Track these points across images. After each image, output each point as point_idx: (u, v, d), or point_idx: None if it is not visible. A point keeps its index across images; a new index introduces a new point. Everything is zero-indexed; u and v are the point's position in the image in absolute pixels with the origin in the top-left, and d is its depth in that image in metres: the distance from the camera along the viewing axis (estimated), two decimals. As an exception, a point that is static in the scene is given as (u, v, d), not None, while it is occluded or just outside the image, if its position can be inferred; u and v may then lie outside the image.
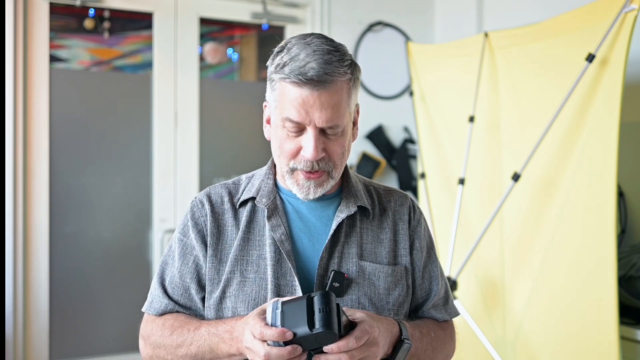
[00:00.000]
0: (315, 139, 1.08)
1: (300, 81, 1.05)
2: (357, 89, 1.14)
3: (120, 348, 2.94)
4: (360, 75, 1.14)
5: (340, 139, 1.12)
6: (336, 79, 1.06)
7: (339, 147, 1.12)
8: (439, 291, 1.27)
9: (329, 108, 1.06)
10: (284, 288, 1.14)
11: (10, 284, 2.72)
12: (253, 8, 3.23)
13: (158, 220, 3.05)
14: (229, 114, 3.24)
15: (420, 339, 1.16)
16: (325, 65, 1.05)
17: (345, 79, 1.08)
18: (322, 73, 1.05)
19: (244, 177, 1.29)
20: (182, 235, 1.23)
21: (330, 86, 1.06)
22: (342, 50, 1.10)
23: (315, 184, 1.13)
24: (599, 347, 1.97)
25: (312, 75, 1.04)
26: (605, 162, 1.95)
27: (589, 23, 2.06)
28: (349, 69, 1.09)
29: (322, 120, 1.07)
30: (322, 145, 1.10)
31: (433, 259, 1.28)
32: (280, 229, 1.17)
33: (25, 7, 2.80)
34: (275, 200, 1.20)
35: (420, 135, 3.04)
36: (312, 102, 1.06)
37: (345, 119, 1.10)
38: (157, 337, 1.17)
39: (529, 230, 2.29)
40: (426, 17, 3.57)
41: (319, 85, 1.05)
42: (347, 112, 1.11)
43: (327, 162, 1.12)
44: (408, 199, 1.29)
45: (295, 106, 1.07)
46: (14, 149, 2.74)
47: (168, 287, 1.20)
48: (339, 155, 1.12)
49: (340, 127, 1.10)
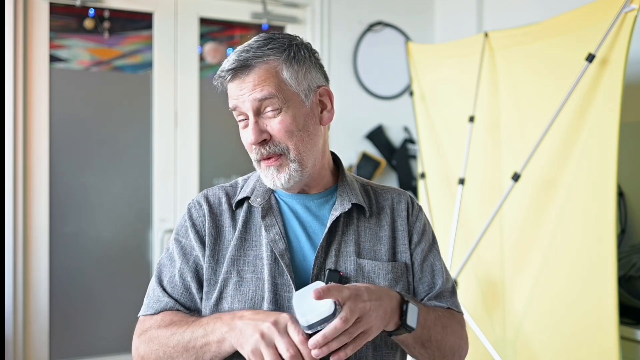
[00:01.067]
0: (252, 122, 1.12)
1: (222, 76, 1.13)
2: (305, 69, 1.14)
3: (120, 348, 2.94)
4: (308, 54, 1.16)
5: (281, 116, 1.12)
6: (255, 62, 1.11)
7: (281, 125, 1.12)
8: (444, 284, 1.25)
9: (254, 87, 1.11)
10: (280, 287, 1.14)
11: (10, 284, 2.72)
12: (253, 8, 3.23)
13: (158, 220, 3.05)
14: (229, 114, 3.22)
15: (427, 312, 1.15)
16: (242, 54, 1.11)
17: (269, 60, 1.11)
18: (237, 60, 1.11)
19: (240, 180, 1.30)
20: (181, 236, 1.22)
21: (251, 69, 1.11)
22: (273, 38, 1.14)
23: (275, 169, 1.14)
24: (599, 347, 1.97)
25: (228, 66, 1.12)
26: (605, 162, 1.95)
27: (589, 23, 2.06)
28: (276, 51, 1.12)
29: (249, 101, 1.11)
30: (263, 128, 1.13)
31: (435, 254, 1.27)
32: (275, 228, 1.17)
33: (25, 7, 2.80)
34: (269, 200, 1.21)
35: (420, 135, 3.04)
36: (238, 88, 1.12)
37: (280, 96, 1.11)
38: (153, 332, 1.15)
39: (529, 230, 2.29)
40: (426, 17, 3.57)
41: (238, 72, 1.11)
42: (283, 90, 1.12)
43: (276, 144, 1.13)
44: (406, 195, 1.29)
45: (231, 96, 1.15)
46: (14, 149, 2.74)
47: (167, 287, 1.19)
48: (284, 134, 1.12)
49: (276, 103, 1.11)
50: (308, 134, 1.15)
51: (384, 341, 1.17)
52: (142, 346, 1.16)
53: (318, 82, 1.17)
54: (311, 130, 1.16)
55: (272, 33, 1.17)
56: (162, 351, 1.12)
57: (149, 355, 1.14)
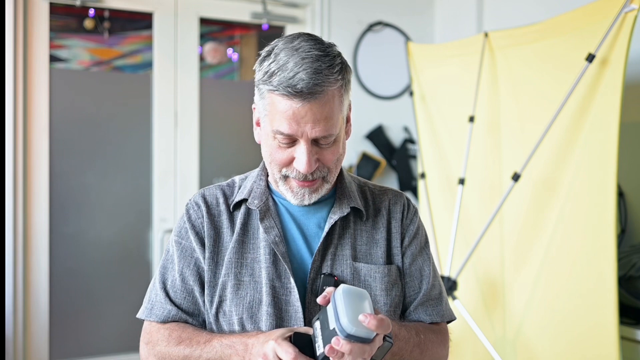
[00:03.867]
0: (308, 153, 1.05)
1: (290, 94, 1.01)
2: (349, 90, 1.12)
3: (120, 348, 2.95)
4: (351, 76, 1.11)
5: (334, 146, 1.09)
6: (327, 88, 1.02)
7: (332, 155, 1.10)
8: (429, 290, 1.22)
9: (322, 120, 1.03)
10: (279, 290, 1.12)
11: (10, 284, 2.72)
12: (253, 8, 3.23)
13: (158, 220, 3.05)
14: (229, 114, 3.24)
15: (407, 339, 1.11)
16: (315, 76, 1.01)
17: (337, 87, 1.05)
18: (312, 84, 1.00)
19: (237, 179, 1.27)
20: (180, 238, 1.20)
21: (321, 96, 1.02)
22: (331, 53, 1.06)
23: (310, 190, 1.12)
24: (599, 347, 1.96)
25: (301, 87, 1.00)
26: (605, 162, 1.95)
27: (589, 23, 2.06)
28: (340, 74, 1.05)
29: (314, 132, 1.04)
30: (315, 156, 1.07)
31: (424, 258, 1.24)
32: (274, 230, 1.15)
33: (25, 7, 2.80)
34: (267, 202, 1.19)
35: (420, 135, 3.04)
36: (304, 114, 1.02)
37: (338, 128, 1.07)
38: (163, 347, 1.13)
39: (529, 230, 2.29)
40: (426, 17, 3.57)
41: (310, 97, 1.01)
42: (339, 119, 1.08)
43: (321, 170, 1.10)
44: (402, 197, 1.27)
45: (287, 118, 1.03)
46: (14, 149, 2.74)
47: (170, 292, 1.18)
48: (333, 161, 1.11)
49: (334, 136, 1.07)
50: (343, 154, 1.15)
51: None
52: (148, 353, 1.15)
53: (349, 99, 1.14)
54: (344, 150, 1.15)
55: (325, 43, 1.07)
56: None
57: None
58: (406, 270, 1.22)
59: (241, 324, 1.12)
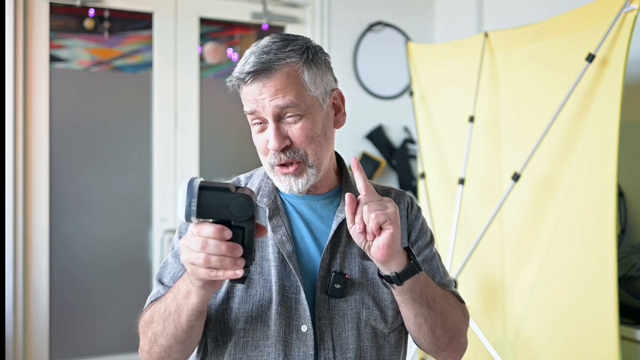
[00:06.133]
0: (273, 129, 1.09)
1: (242, 78, 1.09)
2: (322, 73, 1.14)
3: (120, 348, 2.94)
4: (323, 57, 1.15)
5: (302, 122, 1.10)
6: (275, 65, 1.08)
7: (302, 131, 1.10)
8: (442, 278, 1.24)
9: (277, 92, 1.07)
10: (288, 289, 1.13)
11: (10, 284, 2.72)
12: (253, 8, 3.23)
13: (158, 220, 3.05)
14: (229, 114, 3.24)
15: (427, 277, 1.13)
16: (263, 56, 1.08)
17: (291, 62, 1.09)
18: (259, 62, 1.07)
19: (243, 177, 1.28)
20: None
21: (273, 73, 1.08)
22: (290, 39, 1.12)
23: (293, 177, 1.13)
24: (599, 347, 1.97)
25: (249, 69, 1.07)
26: (605, 162, 1.95)
27: (589, 23, 2.06)
28: (296, 53, 1.10)
29: (271, 106, 1.08)
30: (284, 134, 1.10)
31: (432, 251, 1.26)
32: (282, 229, 1.16)
33: (25, 7, 2.80)
34: (276, 200, 1.20)
35: (420, 135, 3.04)
36: (258, 92, 1.08)
37: (303, 101, 1.10)
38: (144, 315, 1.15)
39: (529, 230, 2.29)
40: (426, 17, 3.57)
41: (259, 74, 1.07)
42: (304, 95, 1.10)
43: (296, 151, 1.11)
44: (406, 196, 1.29)
45: (249, 99, 1.10)
46: (14, 149, 2.74)
47: (169, 283, 1.18)
48: (304, 140, 1.11)
49: (299, 108, 1.09)
50: (325, 138, 1.15)
51: (386, 341, 1.17)
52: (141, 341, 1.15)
53: (332, 85, 1.17)
54: (328, 134, 1.16)
55: (286, 34, 1.15)
56: (151, 333, 1.11)
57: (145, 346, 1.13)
58: None
59: (249, 322, 1.13)
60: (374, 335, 1.16)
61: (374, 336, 1.16)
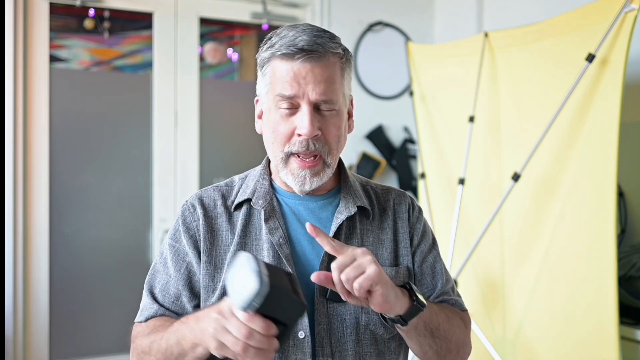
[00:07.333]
0: (310, 114, 1.04)
1: (292, 52, 1.02)
2: (350, 77, 1.13)
3: (120, 348, 2.94)
4: (352, 63, 1.13)
5: (336, 118, 1.08)
6: (328, 52, 1.04)
7: (334, 127, 1.08)
8: (444, 285, 1.21)
9: (323, 81, 1.03)
10: None
11: (10, 284, 2.72)
12: (253, 8, 3.23)
13: (158, 220, 3.05)
14: (229, 114, 3.24)
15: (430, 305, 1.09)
16: (316, 38, 1.03)
17: (338, 56, 1.06)
18: (314, 43, 1.02)
19: (237, 178, 1.23)
20: (174, 241, 1.17)
21: (323, 59, 1.04)
22: (332, 34, 1.09)
23: (310, 173, 1.09)
24: (599, 347, 1.96)
25: (302, 45, 1.02)
26: (605, 162, 1.95)
27: (589, 23, 2.06)
28: (341, 48, 1.08)
29: (315, 93, 1.03)
30: (317, 123, 1.06)
31: (435, 255, 1.23)
32: (279, 231, 1.12)
33: (25, 7, 2.80)
34: (272, 201, 1.15)
35: (420, 135, 3.04)
36: (305, 73, 1.03)
37: (339, 97, 1.08)
38: (139, 340, 1.12)
39: (529, 230, 2.29)
40: (426, 17, 3.57)
41: (311, 55, 1.02)
42: (340, 92, 1.08)
43: (323, 144, 1.08)
44: (407, 197, 1.26)
45: (288, 80, 1.04)
46: (14, 149, 2.74)
47: (159, 295, 1.15)
48: (334, 136, 1.09)
49: (335, 104, 1.07)
50: (344, 139, 1.13)
51: (387, 347, 1.14)
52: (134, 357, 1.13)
53: (350, 89, 1.16)
54: (345, 136, 1.14)
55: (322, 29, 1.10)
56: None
57: None
58: (417, 270, 1.20)
59: None
60: (373, 340, 1.12)
61: (374, 342, 1.13)
